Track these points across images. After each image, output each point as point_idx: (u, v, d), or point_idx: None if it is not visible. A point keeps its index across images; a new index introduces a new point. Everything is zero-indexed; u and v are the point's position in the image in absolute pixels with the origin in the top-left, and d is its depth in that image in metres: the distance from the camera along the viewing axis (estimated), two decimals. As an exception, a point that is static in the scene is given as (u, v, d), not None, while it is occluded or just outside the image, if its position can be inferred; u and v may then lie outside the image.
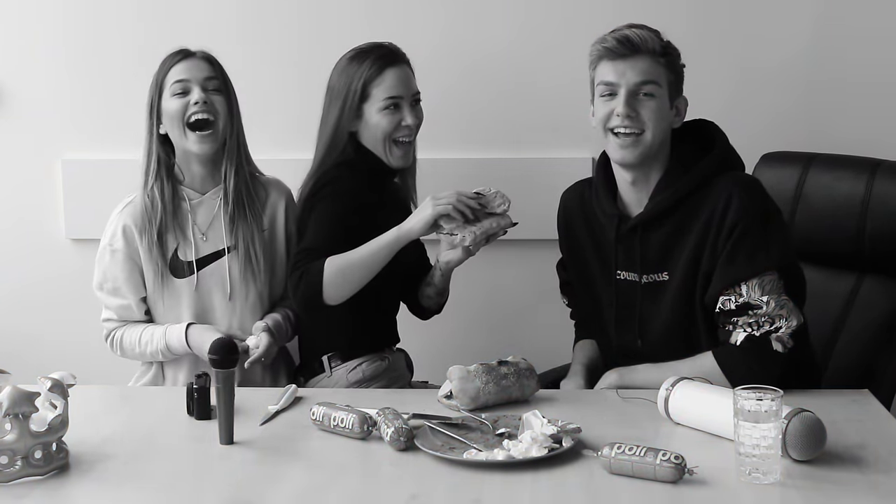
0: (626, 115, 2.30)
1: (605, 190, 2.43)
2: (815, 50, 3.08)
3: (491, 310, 3.26)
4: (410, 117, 2.64)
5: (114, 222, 2.65)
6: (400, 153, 2.66)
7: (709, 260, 2.30)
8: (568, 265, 2.59)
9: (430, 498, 1.85)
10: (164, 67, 2.62)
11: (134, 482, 1.94)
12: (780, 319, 2.26)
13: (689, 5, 3.08)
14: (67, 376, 2.02)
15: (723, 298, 2.28)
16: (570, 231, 2.54)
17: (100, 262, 2.67)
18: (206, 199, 2.66)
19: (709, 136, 2.42)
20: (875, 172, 2.61)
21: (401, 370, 2.78)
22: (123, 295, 2.65)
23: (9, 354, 3.10)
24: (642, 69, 2.30)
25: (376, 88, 2.62)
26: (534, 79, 3.14)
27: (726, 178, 2.33)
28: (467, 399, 2.23)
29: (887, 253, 2.60)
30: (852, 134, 3.05)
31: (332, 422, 2.11)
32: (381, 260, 2.48)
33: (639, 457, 1.87)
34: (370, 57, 2.63)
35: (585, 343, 2.62)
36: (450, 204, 2.43)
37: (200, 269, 2.64)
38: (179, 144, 2.61)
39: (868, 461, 1.94)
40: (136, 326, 2.66)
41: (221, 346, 2.10)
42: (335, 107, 2.64)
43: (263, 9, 3.17)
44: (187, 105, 2.58)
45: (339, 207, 2.57)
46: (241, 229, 2.65)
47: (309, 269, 2.48)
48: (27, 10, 3.21)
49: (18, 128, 3.25)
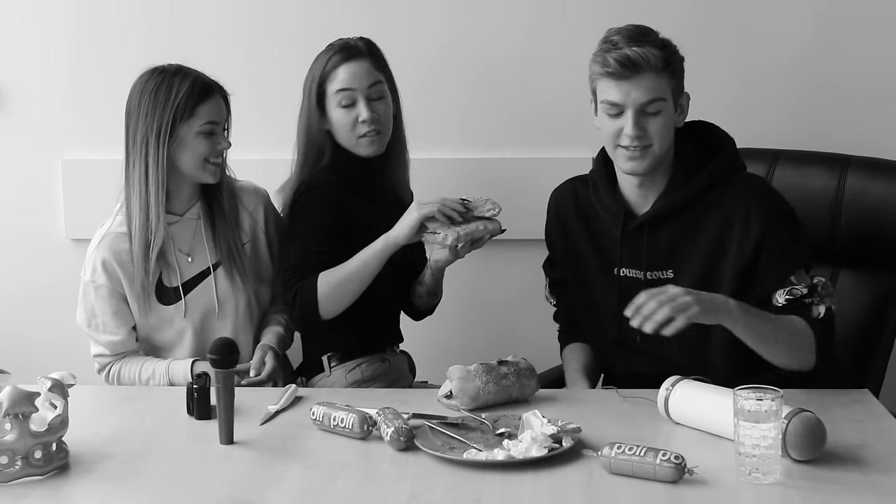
0: (636, 135, 2.29)
1: (607, 186, 2.43)
2: (817, 50, 3.08)
3: (491, 310, 3.26)
4: (366, 111, 2.59)
5: (92, 257, 2.58)
6: (366, 142, 2.62)
7: (738, 258, 2.32)
8: (560, 264, 2.58)
9: (430, 498, 1.85)
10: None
11: (134, 482, 1.94)
12: (831, 299, 2.32)
13: (690, 5, 3.07)
14: (67, 376, 2.02)
15: (785, 290, 2.29)
16: (565, 230, 2.54)
17: (84, 299, 2.61)
18: (183, 220, 2.61)
19: (709, 136, 2.43)
20: (847, 168, 2.66)
21: (402, 372, 2.77)
22: (113, 331, 2.60)
23: (9, 355, 3.11)
24: (647, 88, 2.28)
25: (330, 83, 2.60)
26: (534, 79, 3.14)
27: (739, 180, 2.37)
28: (467, 399, 2.23)
29: (862, 248, 2.64)
30: (853, 134, 3.05)
31: (332, 422, 2.11)
32: (373, 269, 2.48)
33: (639, 457, 1.87)
34: (329, 53, 2.62)
35: (576, 348, 2.60)
36: (434, 206, 2.43)
37: (188, 293, 2.60)
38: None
39: (868, 461, 1.94)
40: (134, 361, 2.62)
41: (221, 346, 2.10)
42: (303, 105, 2.64)
43: (264, 8, 3.16)
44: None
45: (320, 216, 2.56)
46: (224, 242, 2.61)
47: (303, 288, 2.49)
48: (28, 11, 3.21)
49: (18, 128, 3.25)
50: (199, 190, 2.62)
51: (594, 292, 2.48)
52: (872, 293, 2.64)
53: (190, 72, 2.54)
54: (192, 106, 2.51)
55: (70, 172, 3.23)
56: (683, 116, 2.39)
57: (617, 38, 2.30)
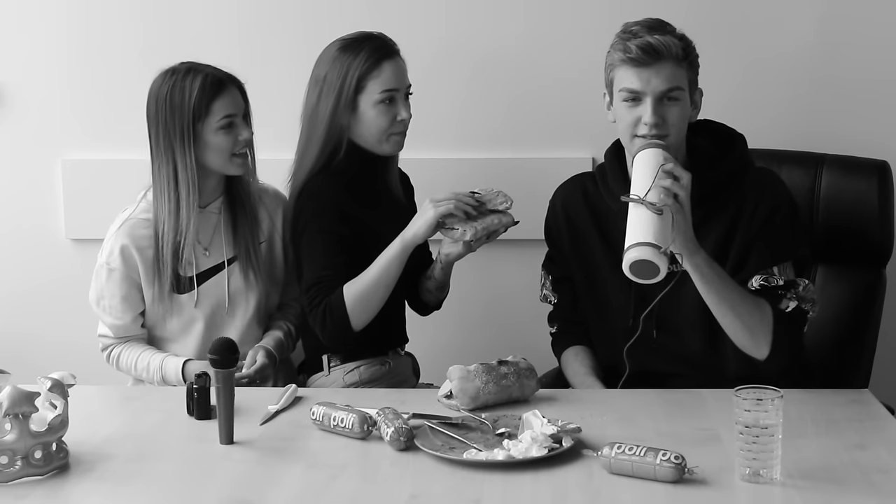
0: (655, 123, 2.29)
1: (619, 180, 2.42)
2: (819, 47, 3.07)
3: (491, 310, 3.26)
4: (405, 111, 2.61)
5: (111, 240, 2.60)
6: (396, 142, 2.62)
7: (739, 248, 2.33)
8: (567, 263, 2.56)
9: (430, 498, 1.85)
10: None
11: (134, 482, 1.94)
12: (812, 305, 2.31)
13: (688, 4, 3.07)
14: (67, 376, 2.02)
15: (760, 277, 2.29)
16: (573, 228, 2.53)
17: (97, 278, 2.63)
18: (205, 213, 2.62)
19: (721, 133, 2.44)
20: (821, 166, 2.70)
21: (404, 374, 2.76)
22: (118, 315, 2.61)
23: (9, 355, 3.11)
24: (667, 76, 2.29)
25: (372, 81, 2.58)
26: (534, 79, 3.14)
27: (754, 173, 2.39)
28: (467, 399, 2.23)
29: (840, 243, 2.68)
30: (854, 133, 3.05)
31: (332, 422, 2.11)
32: (395, 272, 2.48)
33: (639, 457, 1.87)
34: (365, 48, 2.59)
35: (578, 351, 2.57)
36: (451, 203, 2.44)
37: (201, 284, 2.61)
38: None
39: (868, 461, 1.94)
40: (134, 348, 2.63)
41: (221, 346, 2.10)
42: (329, 99, 2.59)
43: (263, 6, 3.16)
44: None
45: (330, 227, 2.55)
46: (242, 238, 2.63)
47: (331, 305, 2.48)
48: (28, 11, 3.20)
49: (18, 128, 3.25)
50: (224, 183, 2.64)
51: (605, 290, 2.47)
52: (854, 288, 2.67)
53: (200, 68, 2.55)
54: (207, 104, 2.52)
55: (70, 172, 3.23)
56: (697, 112, 2.39)
57: (636, 28, 2.32)
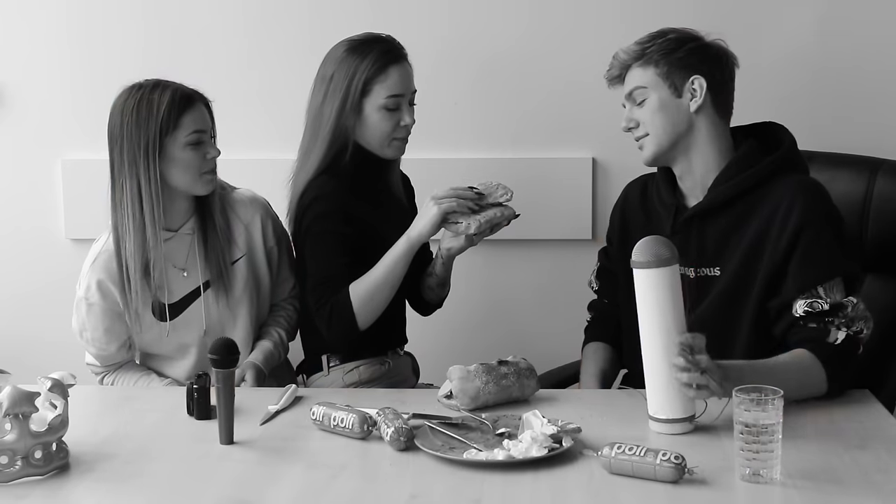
0: (627, 127, 2.41)
1: (665, 181, 2.45)
2: (819, 46, 3.08)
3: (491, 310, 3.26)
4: (409, 117, 2.61)
5: (87, 275, 2.56)
6: (397, 147, 2.63)
7: (770, 260, 2.29)
8: (616, 257, 2.56)
9: (430, 498, 1.85)
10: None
11: (134, 482, 1.94)
12: (864, 322, 2.25)
13: (689, 3, 3.07)
14: (67, 376, 2.02)
15: (805, 301, 2.24)
16: (625, 228, 2.54)
17: (77, 311, 2.60)
18: (178, 235, 2.58)
19: (776, 137, 2.42)
20: (876, 172, 2.63)
21: (403, 374, 2.76)
22: (102, 346, 2.60)
23: (9, 355, 3.11)
24: (627, 82, 2.41)
25: (379, 85, 2.57)
26: (534, 79, 3.14)
27: (790, 179, 2.33)
28: (467, 399, 2.23)
29: (889, 252, 2.61)
30: (857, 132, 3.05)
31: (332, 422, 2.11)
32: (401, 272, 2.49)
33: (639, 457, 1.87)
34: (373, 51, 2.58)
35: (598, 348, 2.57)
36: (453, 199, 2.44)
37: (184, 310, 2.58)
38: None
39: (868, 461, 1.94)
40: (130, 374, 2.63)
41: (221, 346, 2.10)
42: (335, 99, 2.59)
43: (266, 7, 3.16)
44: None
45: (335, 228, 2.55)
46: (214, 261, 2.58)
47: (337, 304, 2.49)
48: (28, 11, 3.20)
49: (18, 128, 3.25)
50: (194, 204, 2.59)
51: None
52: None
53: (168, 84, 2.50)
54: (176, 118, 2.47)
55: (70, 172, 3.23)
56: (697, 99, 2.36)
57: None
